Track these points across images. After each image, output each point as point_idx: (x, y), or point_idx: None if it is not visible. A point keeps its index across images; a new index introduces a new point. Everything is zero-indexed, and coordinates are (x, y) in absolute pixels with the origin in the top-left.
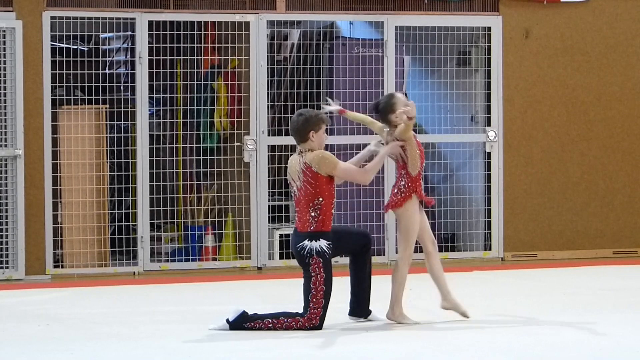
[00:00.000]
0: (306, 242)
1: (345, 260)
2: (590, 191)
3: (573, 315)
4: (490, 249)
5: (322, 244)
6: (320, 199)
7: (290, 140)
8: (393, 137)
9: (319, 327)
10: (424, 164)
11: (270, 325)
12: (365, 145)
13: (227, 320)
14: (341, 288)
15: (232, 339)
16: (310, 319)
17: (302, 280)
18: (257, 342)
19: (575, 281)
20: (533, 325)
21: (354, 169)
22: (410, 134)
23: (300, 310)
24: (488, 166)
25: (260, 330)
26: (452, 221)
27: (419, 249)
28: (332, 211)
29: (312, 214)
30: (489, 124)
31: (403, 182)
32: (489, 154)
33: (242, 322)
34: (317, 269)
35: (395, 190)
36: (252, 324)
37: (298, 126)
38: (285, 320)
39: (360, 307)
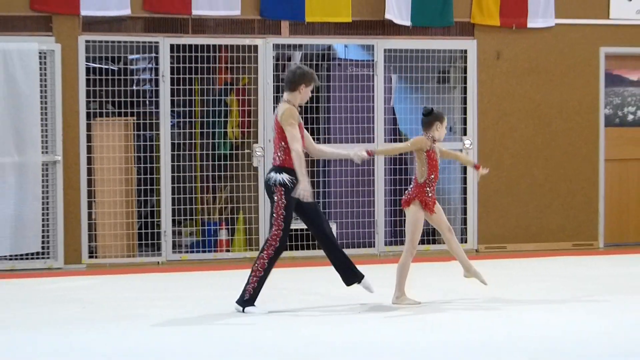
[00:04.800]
0: (272, 174)
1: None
2: (552, 192)
3: (538, 298)
4: (466, 242)
5: (285, 176)
6: (283, 144)
7: None
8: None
9: (279, 247)
10: (434, 176)
11: (257, 270)
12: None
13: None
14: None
15: (243, 321)
16: (272, 240)
17: (302, 269)
18: (268, 321)
19: (540, 269)
20: (504, 306)
21: (294, 138)
22: (411, 148)
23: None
24: (464, 170)
25: (256, 281)
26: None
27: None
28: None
29: (279, 154)
30: (465, 134)
31: (411, 186)
32: None
33: (247, 297)
34: (279, 195)
35: (406, 191)
36: (248, 282)
37: (295, 77)
38: (260, 258)
39: (351, 273)
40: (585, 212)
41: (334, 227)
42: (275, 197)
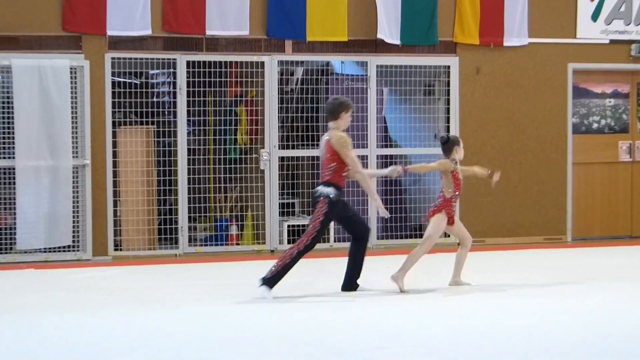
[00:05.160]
0: (321, 187)
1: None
2: (526, 192)
3: (513, 284)
4: (449, 236)
5: (330, 190)
6: (334, 164)
7: (296, 152)
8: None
9: (310, 245)
10: (458, 192)
11: (286, 257)
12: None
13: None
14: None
15: (254, 306)
16: (306, 237)
17: (303, 261)
18: (279, 305)
19: (514, 260)
20: (482, 292)
21: (355, 161)
22: (438, 169)
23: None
24: None
25: (281, 265)
26: (420, 214)
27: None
28: (344, 175)
29: (327, 172)
30: None
31: (440, 200)
32: None
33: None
34: (322, 204)
35: (433, 204)
36: (276, 264)
37: (334, 107)
38: (291, 248)
39: (350, 284)
40: (555, 210)
41: (331, 223)
42: (319, 205)
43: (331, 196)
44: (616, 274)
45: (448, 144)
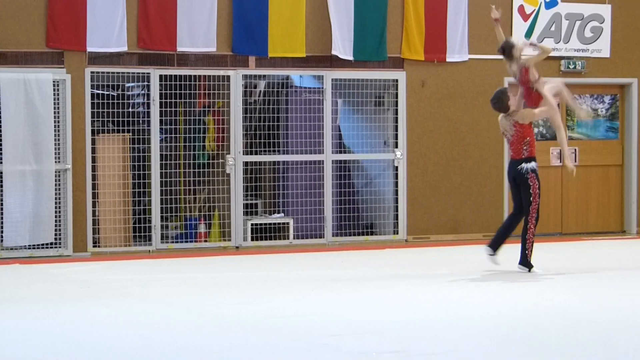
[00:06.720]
0: (523, 164)
1: None
2: (466, 193)
3: (455, 278)
4: (397, 233)
5: (533, 164)
6: (528, 139)
7: (259, 158)
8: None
9: (538, 217)
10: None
11: (529, 238)
12: (312, 162)
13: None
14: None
15: (222, 297)
16: (533, 212)
17: (266, 256)
18: (244, 297)
19: (456, 256)
20: (427, 281)
21: (544, 110)
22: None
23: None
24: (396, 176)
25: (530, 246)
26: (372, 214)
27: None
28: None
29: (524, 147)
30: (396, 147)
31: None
32: (397, 167)
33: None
34: (532, 179)
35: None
36: (525, 252)
37: (500, 104)
38: (527, 234)
39: (497, 245)
40: (493, 209)
41: (290, 222)
42: (530, 182)
43: (536, 170)
44: (546, 267)
45: (507, 51)
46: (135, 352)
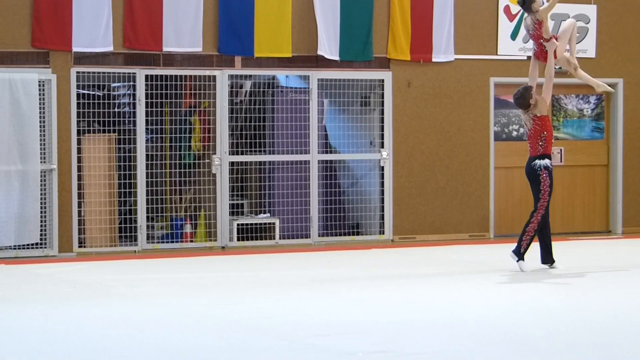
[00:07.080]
0: (537, 161)
1: None
2: (452, 193)
3: (441, 278)
4: (383, 233)
5: (547, 161)
6: (545, 133)
7: (244, 158)
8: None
9: (545, 215)
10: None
11: (529, 231)
12: (298, 162)
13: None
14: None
15: (209, 297)
16: (540, 209)
17: (252, 256)
18: (230, 297)
19: (442, 256)
20: (414, 281)
21: (547, 88)
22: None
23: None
24: (382, 176)
25: (528, 238)
26: (358, 214)
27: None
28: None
29: (540, 144)
30: (382, 147)
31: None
32: (383, 167)
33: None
34: (543, 176)
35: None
36: (522, 242)
37: (524, 101)
38: (528, 227)
39: (547, 255)
40: (479, 209)
41: (276, 222)
42: (541, 178)
43: (550, 167)
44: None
45: (527, 3)
46: (123, 351)
